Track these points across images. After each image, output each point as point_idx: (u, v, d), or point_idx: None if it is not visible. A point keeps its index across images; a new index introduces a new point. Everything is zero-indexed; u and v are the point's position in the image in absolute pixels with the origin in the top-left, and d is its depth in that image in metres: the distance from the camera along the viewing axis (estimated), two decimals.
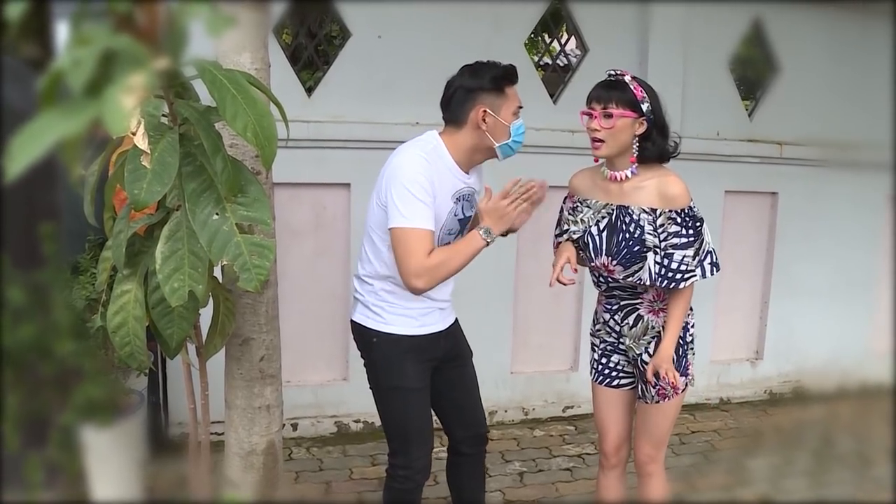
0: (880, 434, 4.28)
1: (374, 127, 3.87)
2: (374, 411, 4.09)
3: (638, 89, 2.34)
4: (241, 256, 1.56)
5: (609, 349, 2.60)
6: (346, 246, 3.97)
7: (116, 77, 1.49)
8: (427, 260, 2.18)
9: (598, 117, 2.33)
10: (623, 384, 2.61)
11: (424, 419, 2.49)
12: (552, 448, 4.02)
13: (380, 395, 2.52)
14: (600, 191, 2.48)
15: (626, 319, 2.52)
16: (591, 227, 2.47)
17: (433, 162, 2.27)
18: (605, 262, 2.44)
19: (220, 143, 1.55)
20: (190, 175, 1.58)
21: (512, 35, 4.10)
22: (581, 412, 4.46)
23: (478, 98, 2.28)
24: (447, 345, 2.53)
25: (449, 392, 2.59)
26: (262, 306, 2.15)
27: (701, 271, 2.41)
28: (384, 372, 2.47)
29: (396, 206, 2.21)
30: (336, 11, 3.84)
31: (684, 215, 2.38)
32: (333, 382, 4.10)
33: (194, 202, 1.56)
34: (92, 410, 2.35)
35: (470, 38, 3.97)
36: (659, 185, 2.38)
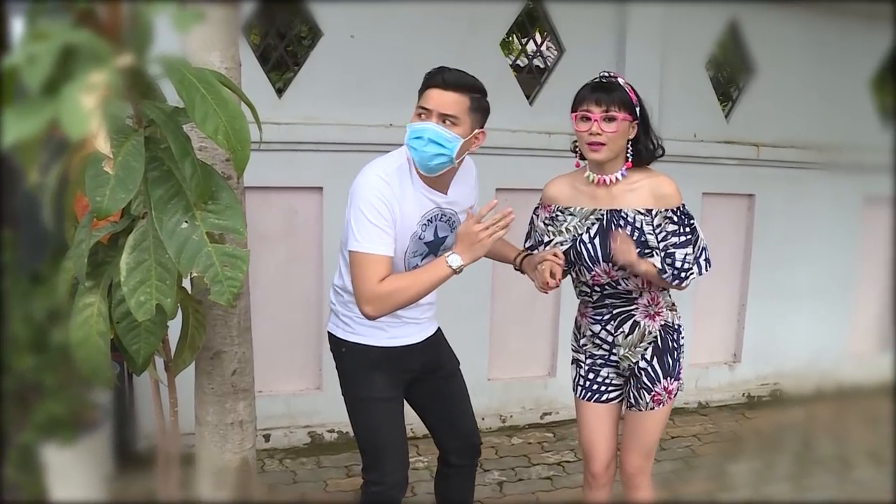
0: (859, 436, 4.29)
1: (347, 129, 3.77)
2: (349, 420, 4.02)
3: (631, 91, 2.28)
4: (213, 267, 1.46)
5: (598, 363, 2.49)
6: (318, 252, 3.87)
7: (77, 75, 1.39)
8: (378, 286, 2.08)
9: (597, 120, 2.23)
10: (612, 398, 2.51)
11: (395, 432, 2.39)
12: (531, 456, 3.95)
13: (350, 406, 2.43)
14: (585, 197, 2.38)
15: (620, 328, 2.42)
16: (580, 235, 2.37)
17: (395, 183, 2.15)
18: (605, 270, 2.34)
19: (189, 146, 1.45)
20: (156, 181, 1.48)
21: (487, 35, 4.02)
22: (559, 419, 4.40)
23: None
24: (425, 357, 2.43)
25: (434, 404, 2.51)
26: (233, 317, 2.05)
27: (698, 268, 2.36)
28: (353, 382, 2.39)
29: (352, 229, 2.13)
30: (307, 11, 3.74)
31: (680, 213, 2.32)
32: (306, 392, 3.99)
33: (161, 210, 1.46)
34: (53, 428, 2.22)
35: (445, 39, 3.89)
36: (651, 186, 2.31)
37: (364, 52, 3.78)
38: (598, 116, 2.23)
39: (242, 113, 1.46)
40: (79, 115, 1.10)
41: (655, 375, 2.40)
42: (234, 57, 1.96)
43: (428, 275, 2.12)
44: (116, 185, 1.38)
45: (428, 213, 2.23)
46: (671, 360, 2.42)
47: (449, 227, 2.31)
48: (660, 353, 2.41)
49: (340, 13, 3.73)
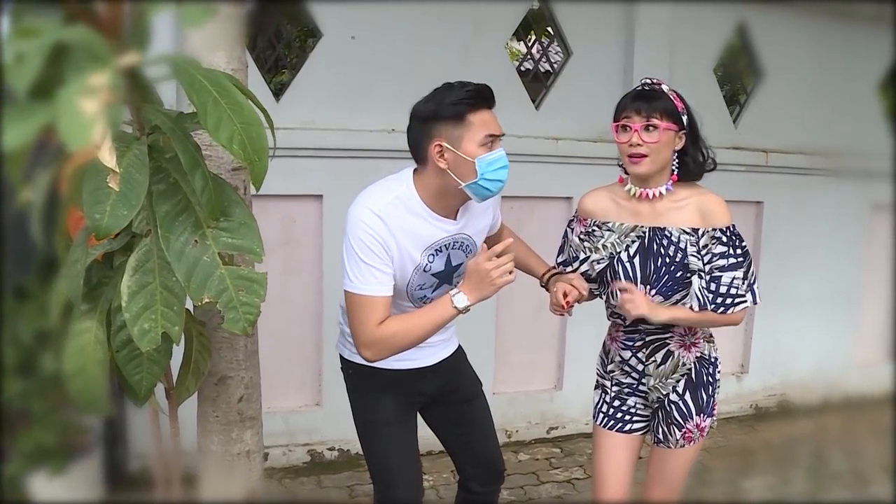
0: (872, 450, 4.18)
1: (347, 134, 3.62)
2: (350, 438, 3.84)
3: (677, 100, 2.10)
4: (227, 292, 1.31)
5: (626, 391, 2.31)
6: (318, 262, 3.71)
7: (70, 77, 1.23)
8: (377, 330, 1.91)
9: (638, 130, 2.05)
10: (635, 429, 2.33)
11: (406, 455, 2.24)
12: (539, 473, 3.80)
13: (359, 428, 2.31)
14: (626, 212, 2.21)
15: (652, 357, 2.24)
16: (618, 253, 2.20)
17: (392, 216, 1.92)
18: (643, 294, 2.15)
19: (200, 156, 1.30)
20: (162, 195, 1.32)
21: (492, 37, 3.89)
22: (566, 433, 4.26)
23: (433, 129, 1.88)
24: (438, 380, 2.26)
25: (453, 428, 2.36)
26: (240, 340, 1.89)
27: (752, 296, 2.16)
28: (361, 404, 2.27)
29: (345, 266, 1.94)
30: (307, 10, 3.58)
31: (730, 234, 2.13)
32: (306, 408, 3.82)
33: (168, 227, 1.30)
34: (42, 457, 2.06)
35: (449, 40, 3.76)
36: (700, 204, 2.13)
37: (365, 54, 3.64)
38: (638, 126, 2.05)
39: (259, 119, 1.31)
40: (79, 122, 0.95)
41: (688, 411, 2.23)
42: (240, 58, 1.81)
43: (431, 316, 1.93)
44: (118, 201, 1.23)
45: (436, 244, 2.02)
46: (705, 396, 2.25)
47: (464, 254, 2.10)
48: (693, 388, 2.24)
49: (341, 13, 3.58)
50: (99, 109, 0.96)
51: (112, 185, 1.17)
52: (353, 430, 3.82)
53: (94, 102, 0.97)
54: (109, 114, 0.97)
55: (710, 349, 2.29)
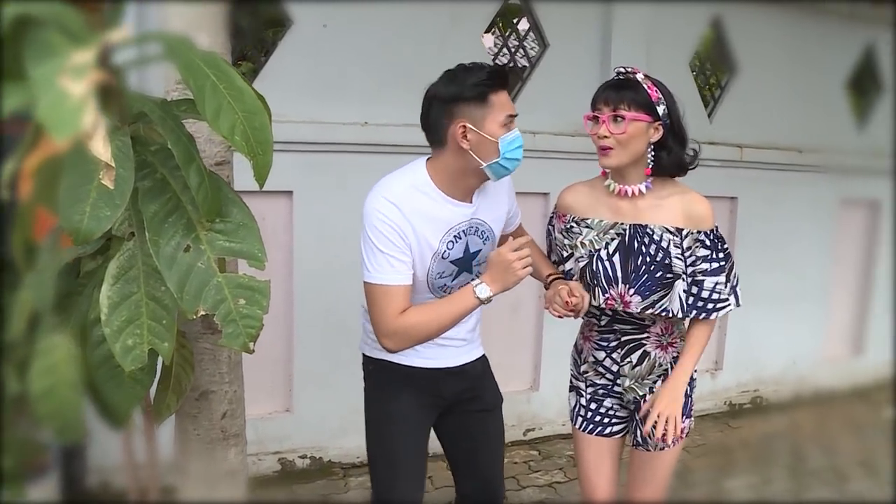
0: (847, 446, 4.19)
1: (319, 127, 3.45)
2: (322, 445, 3.71)
3: (652, 89, 1.99)
4: (225, 304, 1.15)
5: (601, 393, 2.23)
6: (288, 262, 3.53)
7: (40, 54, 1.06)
8: (398, 320, 1.88)
9: (606, 121, 1.97)
10: (615, 432, 2.25)
11: (415, 453, 2.13)
12: (519, 478, 3.69)
13: (369, 423, 2.17)
14: (605, 208, 2.11)
15: (627, 357, 2.17)
16: (598, 251, 2.10)
17: (407, 203, 1.90)
18: (620, 293, 2.07)
19: (194, 148, 1.14)
20: (149, 193, 1.16)
21: (470, 27, 3.75)
22: (543, 434, 4.17)
23: (456, 110, 1.86)
24: (459, 385, 2.14)
25: (463, 440, 2.22)
26: (223, 352, 1.73)
27: (735, 299, 2.10)
28: (376, 399, 2.16)
29: (363, 257, 1.92)
30: None
31: (713, 237, 2.06)
32: (275, 415, 3.64)
33: (157, 230, 1.14)
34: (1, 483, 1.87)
35: (425, 30, 3.61)
36: (683, 204, 2.04)
37: (337, 44, 3.47)
38: (606, 117, 1.97)
39: (262, 107, 1.15)
40: (65, 107, 0.79)
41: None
42: (224, 43, 1.64)
43: (453, 306, 1.90)
44: (99, 200, 1.06)
45: (454, 229, 1.97)
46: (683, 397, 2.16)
47: (481, 241, 2.04)
48: None
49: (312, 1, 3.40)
50: (87, 92, 0.80)
51: (106, 182, 1.01)
52: (326, 437, 3.70)
53: (80, 84, 0.81)
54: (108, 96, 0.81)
55: None
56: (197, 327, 1.67)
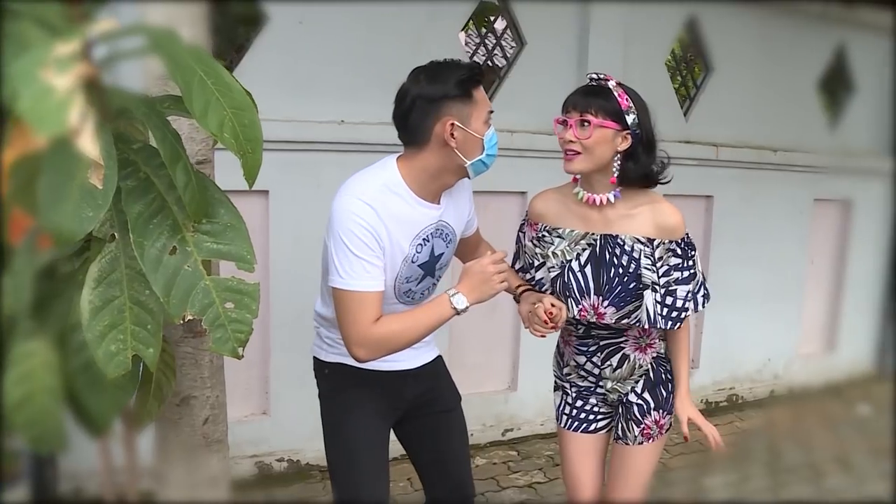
0: (822, 442, 4.23)
1: (295, 126, 3.40)
2: (300, 447, 3.66)
3: (623, 97, 1.97)
4: (213, 308, 1.11)
5: (585, 393, 2.24)
6: (264, 262, 3.47)
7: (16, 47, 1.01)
8: (372, 329, 1.82)
9: (573, 126, 1.96)
10: (600, 427, 2.26)
11: (376, 457, 2.08)
12: (499, 479, 3.67)
13: (327, 428, 2.12)
14: (575, 217, 2.09)
15: (607, 361, 2.16)
16: (569, 261, 2.08)
17: (381, 204, 1.84)
18: (594, 304, 2.06)
19: (180, 146, 1.09)
20: (132, 193, 1.11)
21: (447, 25, 3.72)
22: (521, 434, 4.16)
23: (443, 108, 1.83)
24: (418, 387, 2.12)
25: (426, 443, 2.19)
26: (204, 355, 1.68)
27: (694, 304, 2.08)
28: (332, 403, 2.10)
29: (334, 262, 1.83)
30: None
31: (684, 246, 2.05)
32: (252, 418, 3.58)
33: (142, 231, 1.09)
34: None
35: (402, 27, 3.58)
36: (654, 214, 2.02)
37: (314, 41, 3.42)
38: (573, 121, 1.96)
39: (251, 103, 1.11)
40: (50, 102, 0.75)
41: (647, 407, 2.16)
42: (205, 40, 1.59)
43: (428, 317, 1.86)
44: (82, 200, 1.01)
45: (423, 232, 1.93)
46: (664, 392, 2.18)
47: (445, 244, 2.01)
48: (652, 386, 2.17)
49: None
50: (73, 86, 0.76)
51: (94, 182, 0.96)
52: (304, 440, 3.65)
53: (65, 77, 0.77)
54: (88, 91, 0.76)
55: (666, 347, 2.22)
56: (178, 331, 1.62)
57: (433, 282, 2.04)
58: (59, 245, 1.05)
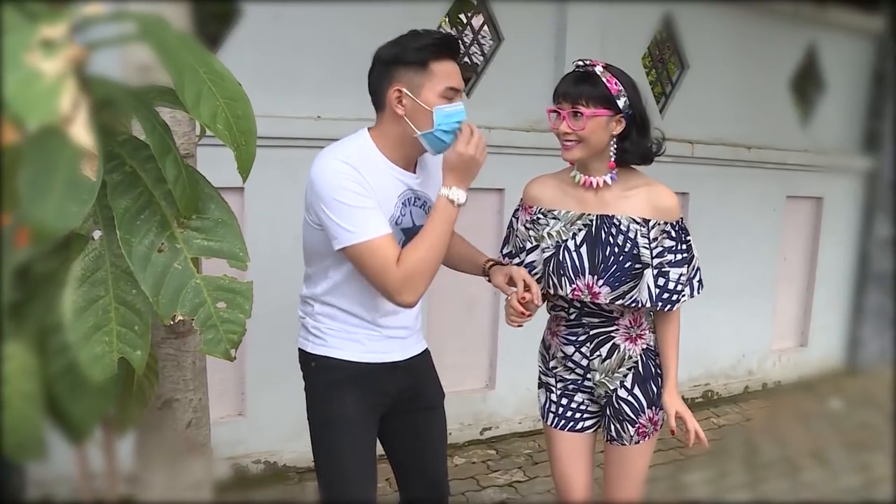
0: (796, 436, 4.26)
1: (270, 121, 3.29)
2: (277, 449, 3.60)
3: (612, 81, 1.97)
4: (204, 308, 1.06)
5: (571, 388, 2.22)
6: None
7: None
8: (400, 269, 1.78)
9: (566, 117, 1.96)
10: (587, 427, 2.24)
11: (364, 459, 2.03)
12: (479, 478, 3.64)
13: (314, 428, 2.06)
14: (572, 199, 2.10)
15: (597, 351, 2.14)
16: (564, 241, 2.08)
17: (359, 164, 1.83)
18: (588, 284, 2.05)
19: (170, 138, 1.04)
20: (118, 187, 1.06)
21: (426, 18, 3.67)
22: (499, 433, 4.13)
23: (395, 73, 1.82)
24: (405, 381, 2.06)
25: (407, 440, 2.14)
26: (187, 357, 1.62)
27: (689, 290, 2.12)
28: (319, 402, 2.04)
29: (337, 224, 1.80)
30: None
31: (678, 229, 2.07)
32: (227, 419, 3.51)
33: (128, 228, 1.04)
34: None
35: (380, 22, 3.50)
36: (650, 195, 2.04)
37: (290, 37, 3.36)
38: (566, 113, 1.97)
39: (244, 94, 1.06)
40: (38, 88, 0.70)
41: (639, 406, 2.14)
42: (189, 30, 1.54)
43: (437, 226, 1.82)
44: (66, 194, 0.96)
45: (402, 196, 1.92)
46: (655, 388, 2.17)
47: (425, 214, 1.96)
48: (642, 381, 2.15)
49: None
50: (63, 71, 0.71)
51: (87, 173, 0.90)
52: (281, 441, 3.58)
53: (54, 62, 0.72)
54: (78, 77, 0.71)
55: (656, 340, 2.21)
56: (160, 332, 1.56)
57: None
58: (39, 242, 0.99)
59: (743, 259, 4.88)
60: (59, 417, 1.28)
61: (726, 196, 4.74)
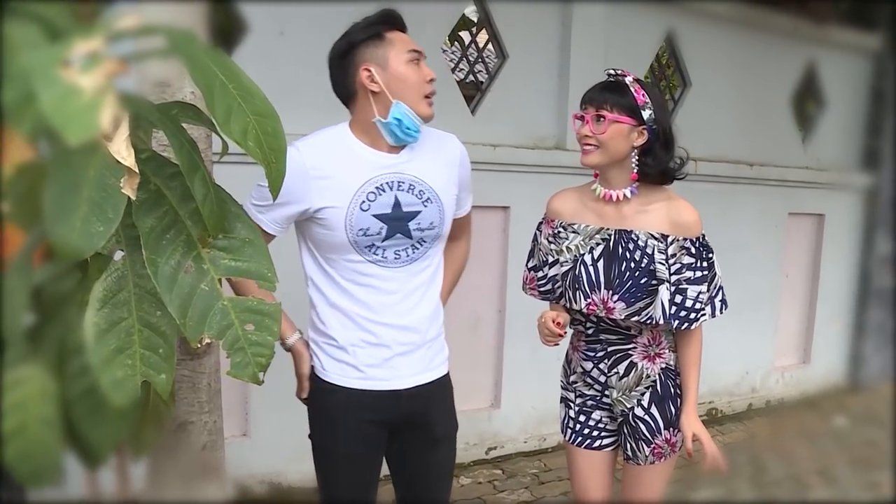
0: (803, 454, 4.23)
1: None
2: (281, 469, 3.54)
3: (639, 92, 1.98)
4: (231, 330, 1.02)
5: (589, 404, 2.20)
6: None
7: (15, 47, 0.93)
8: None
9: (589, 121, 1.98)
10: (605, 445, 2.22)
11: (358, 490, 1.97)
12: (486, 498, 3.60)
13: (313, 450, 2.01)
14: (591, 213, 2.10)
15: (614, 368, 2.12)
16: (582, 255, 2.08)
17: (321, 147, 1.83)
18: (603, 298, 2.04)
19: (198, 155, 1.01)
20: (143, 205, 1.03)
21: (428, 37, 3.66)
22: (505, 452, 4.09)
23: (356, 58, 1.81)
24: (411, 407, 1.93)
25: (406, 469, 2.04)
26: (202, 378, 1.59)
27: (711, 309, 2.09)
28: (315, 426, 1.98)
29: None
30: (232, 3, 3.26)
31: (699, 245, 2.05)
32: (232, 440, 3.45)
33: (154, 248, 1.01)
34: None
35: None
36: (669, 211, 2.03)
37: (294, 51, 3.34)
38: (589, 117, 1.98)
39: (273, 111, 1.04)
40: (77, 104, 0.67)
41: (656, 426, 2.12)
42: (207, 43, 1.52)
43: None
44: (91, 214, 0.93)
45: (376, 179, 1.81)
46: (673, 409, 2.14)
47: (420, 201, 1.84)
48: (659, 400, 2.12)
49: (269, 7, 3.27)
50: (103, 85, 0.68)
51: (127, 192, 0.88)
52: (285, 462, 3.54)
53: (92, 77, 0.69)
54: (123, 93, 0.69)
55: (675, 359, 2.17)
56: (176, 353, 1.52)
57: (411, 243, 1.86)
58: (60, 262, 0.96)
59: (745, 275, 4.86)
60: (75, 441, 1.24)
61: (729, 213, 4.73)
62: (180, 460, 1.60)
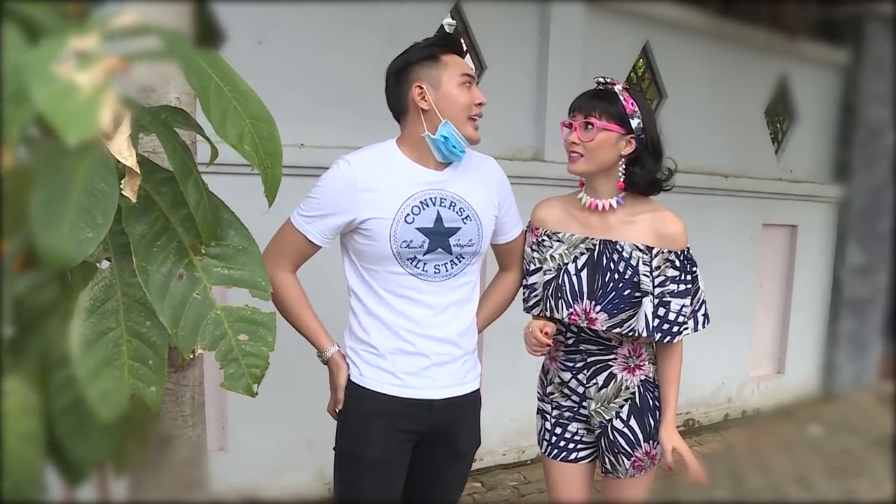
0: (780, 463, 4.25)
1: None
2: (259, 485, 3.49)
3: (628, 101, 1.98)
4: (225, 340, 0.99)
5: (566, 416, 2.18)
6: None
7: None
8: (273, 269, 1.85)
9: (577, 128, 1.97)
10: (582, 457, 2.19)
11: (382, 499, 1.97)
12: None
13: (337, 457, 2.01)
14: (576, 222, 2.08)
15: (593, 379, 2.10)
16: (565, 265, 2.06)
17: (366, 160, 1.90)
18: (585, 309, 2.02)
19: (191, 159, 0.98)
20: (132, 211, 0.99)
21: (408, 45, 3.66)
22: (484, 465, 4.05)
23: (411, 76, 1.87)
24: (441, 420, 1.97)
25: (418, 479, 2.04)
26: (186, 391, 1.55)
27: (693, 323, 2.07)
28: (345, 431, 1.99)
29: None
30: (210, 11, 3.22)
31: (683, 258, 2.04)
32: (209, 454, 3.39)
33: (145, 255, 0.97)
34: None
35: (363, 47, 3.50)
36: (654, 222, 2.02)
37: (273, 61, 3.31)
38: (578, 124, 1.97)
39: (269, 115, 1.01)
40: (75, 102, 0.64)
41: (635, 439, 2.10)
42: None
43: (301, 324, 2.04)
44: (80, 220, 0.89)
45: (421, 194, 1.88)
46: (652, 421, 2.12)
47: (460, 218, 1.90)
48: (638, 413, 2.10)
49: (247, 14, 3.24)
50: (103, 83, 0.65)
51: (128, 194, 0.84)
52: (263, 477, 3.48)
53: (90, 74, 0.66)
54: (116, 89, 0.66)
55: (655, 372, 2.16)
56: None
57: (450, 259, 1.92)
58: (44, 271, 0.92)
59: (721, 287, 4.88)
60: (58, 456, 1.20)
61: (704, 224, 4.76)
62: (164, 476, 1.55)
